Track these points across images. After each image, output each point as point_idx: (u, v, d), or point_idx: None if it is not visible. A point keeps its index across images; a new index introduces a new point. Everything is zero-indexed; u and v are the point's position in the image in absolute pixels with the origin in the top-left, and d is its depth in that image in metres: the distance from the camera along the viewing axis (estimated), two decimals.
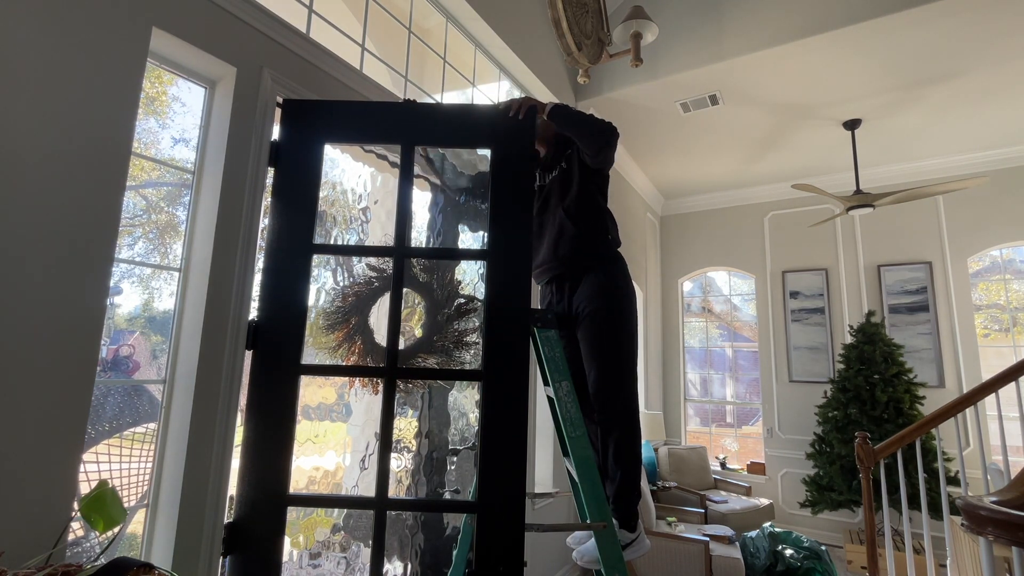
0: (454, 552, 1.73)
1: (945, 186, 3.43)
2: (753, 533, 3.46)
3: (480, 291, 1.78)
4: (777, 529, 3.43)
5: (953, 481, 3.58)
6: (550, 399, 1.67)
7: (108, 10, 1.30)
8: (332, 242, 2.00)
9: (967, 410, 2.94)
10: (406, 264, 1.75)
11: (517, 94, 3.40)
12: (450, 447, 2.29)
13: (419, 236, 2.36)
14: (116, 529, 1.06)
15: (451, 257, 1.95)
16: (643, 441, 4.28)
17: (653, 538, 3.15)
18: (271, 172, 1.46)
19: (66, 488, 1.16)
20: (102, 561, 0.89)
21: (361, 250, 1.89)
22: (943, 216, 4.45)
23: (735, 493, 4.44)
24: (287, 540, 1.27)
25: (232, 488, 1.45)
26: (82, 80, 1.24)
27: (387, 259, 1.74)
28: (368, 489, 2.02)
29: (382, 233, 2.16)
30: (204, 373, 1.44)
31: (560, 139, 1.82)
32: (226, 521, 1.42)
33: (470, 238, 2.47)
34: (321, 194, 1.43)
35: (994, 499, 1.14)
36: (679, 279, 5.63)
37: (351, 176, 2.10)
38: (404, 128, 1.44)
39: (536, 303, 1.72)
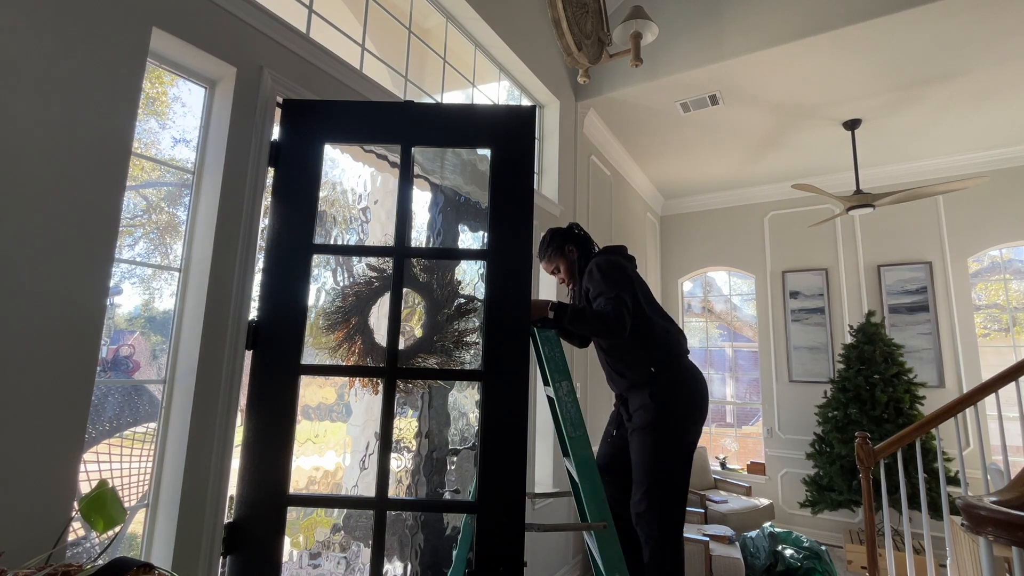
0: (454, 552, 1.73)
1: (945, 186, 3.43)
2: (753, 533, 3.46)
3: (480, 291, 1.78)
4: (777, 529, 3.43)
5: (953, 481, 3.57)
6: (550, 399, 1.68)
7: (108, 10, 1.30)
8: (332, 242, 2.00)
9: (967, 410, 2.94)
10: (406, 264, 1.75)
11: (517, 94, 3.40)
12: (450, 447, 2.29)
13: (419, 236, 2.36)
14: (116, 529, 1.06)
15: (451, 257, 1.95)
16: None
17: None
18: (271, 172, 1.46)
19: (66, 488, 1.16)
20: (102, 561, 0.89)
21: (361, 250, 1.89)
22: (943, 216, 4.45)
23: (735, 493, 4.45)
24: (287, 540, 1.27)
25: (232, 488, 1.45)
26: (82, 80, 1.24)
27: (387, 259, 1.74)
28: (368, 489, 2.02)
29: (382, 233, 2.16)
30: (204, 373, 1.44)
31: (571, 265, 2.06)
32: (226, 521, 1.42)
33: (470, 238, 2.47)
34: (321, 194, 1.43)
35: (994, 499, 1.14)
36: (679, 279, 5.63)
37: (351, 176, 2.10)
38: (403, 128, 1.44)
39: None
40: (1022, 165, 4.25)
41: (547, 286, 3.31)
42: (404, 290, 1.39)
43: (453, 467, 2.28)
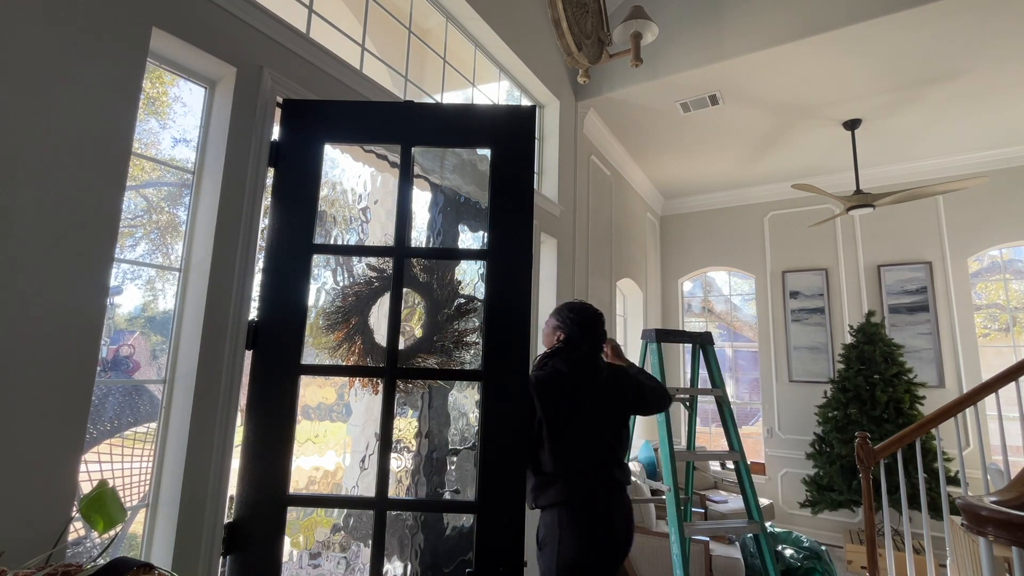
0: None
1: (945, 186, 3.42)
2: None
3: (480, 291, 1.78)
4: (777, 529, 3.43)
5: (953, 481, 3.57)
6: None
7: (108, 10, 1.30)
8: (332, 242, 1.99)
9: (967, 410, 2.93)
10: (406, 264, 1.75)
11: (517, 94, 3.40)
12: (450, 447, 2.29)
13: (419, 236, 2.36)
14: (116, 529, 1.06)
15: (451, 257, 1.95)
16: (643, 441, 4.28)
17: (653, 538, 3.15)
18: (271, 172, 1.46)
19: (66, 488, 1.16)
20: (102, 561, 0.89)
21: (361, 250, 1.89)
22: (943, 216, 4.45)
23: (735, 493, 4.44)
24: (287, 540, 1.27)
25: (232, 488, 1.45)
26: (82, 80, 1.24)
27: (387, 259, 1.74)
28: (368, 489, 2.02)
29: (382, 233, 2.15)
30: (204, 373, 1.44)
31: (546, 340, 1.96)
32: (226, 521, 1.42)
33: (470, 238, 2.47)
34: (321, 194, 1.43)
35: (994, 499, 1.14)
36: (679, 279, 5.62)
37: (351, 176, 2.10)
38: (403, 128, 1.44)
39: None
40: (1022, 165, 4.25)
41: (546, 285, 3.31)
42: (404, 290, 1.39)
43: (453, 467, 2.28)
